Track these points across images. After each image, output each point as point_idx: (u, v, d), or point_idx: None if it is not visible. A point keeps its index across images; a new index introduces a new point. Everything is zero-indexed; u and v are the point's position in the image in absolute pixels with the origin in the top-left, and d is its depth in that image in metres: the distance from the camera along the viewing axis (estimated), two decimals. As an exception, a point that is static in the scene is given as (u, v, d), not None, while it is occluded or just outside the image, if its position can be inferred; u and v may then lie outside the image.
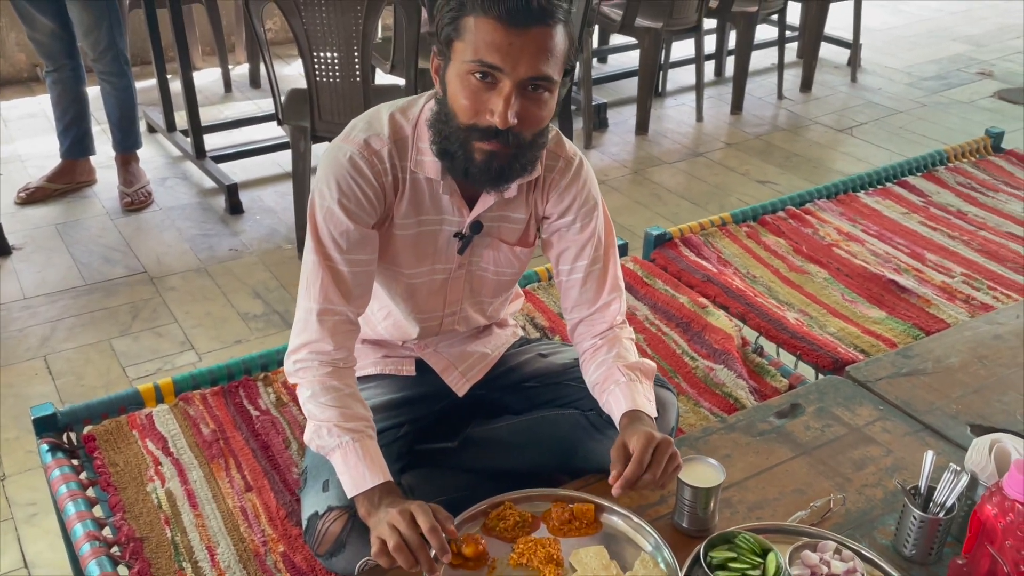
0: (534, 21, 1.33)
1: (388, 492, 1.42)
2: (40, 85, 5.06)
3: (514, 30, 1.32)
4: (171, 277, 3.29)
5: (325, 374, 1.47)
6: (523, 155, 1.43)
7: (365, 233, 1.48)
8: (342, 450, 1.43)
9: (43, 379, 2.76)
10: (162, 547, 1.56)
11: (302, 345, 1.49)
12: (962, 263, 2.44)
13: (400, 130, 1.49)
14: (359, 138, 1.47)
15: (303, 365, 1.49)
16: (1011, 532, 1.26)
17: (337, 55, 3.00)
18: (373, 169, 1.46)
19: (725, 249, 2.49)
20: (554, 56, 1.36)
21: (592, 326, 1.65)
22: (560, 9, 1.35)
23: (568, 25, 1.38)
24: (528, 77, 1.34)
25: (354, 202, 1.46)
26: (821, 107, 5.06)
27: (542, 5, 1.33)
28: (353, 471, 1.42)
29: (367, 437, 1.45)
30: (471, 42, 1.34)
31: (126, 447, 1.77)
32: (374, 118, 1.51)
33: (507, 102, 1.34)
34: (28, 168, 4.10)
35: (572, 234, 1.61)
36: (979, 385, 1.91)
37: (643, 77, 4.52)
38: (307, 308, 1.49)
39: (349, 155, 1.46)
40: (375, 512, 1.39)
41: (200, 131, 3.98)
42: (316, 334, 1.48)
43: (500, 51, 1.33)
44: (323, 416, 1.45)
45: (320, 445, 1.45)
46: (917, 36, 6.36)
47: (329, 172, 1.47)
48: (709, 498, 1.50)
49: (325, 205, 1.46)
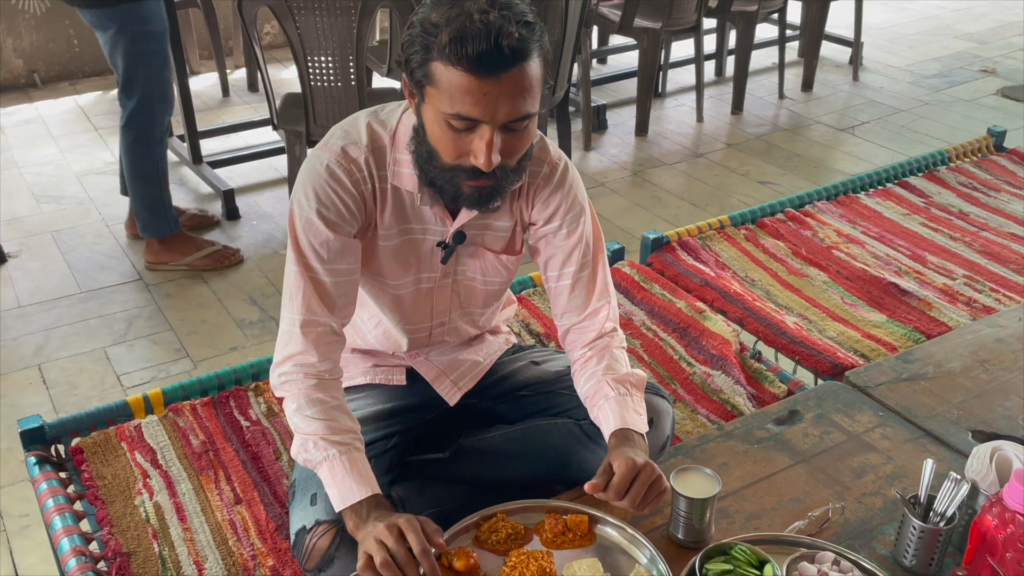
0: (508, 66, 1.26)
1: (376, 505, 1.39)
2: (37, 91, 5.06)
3: (488, 79, 1.26)
4: (166, 284, 3.27)
5: (310, 386, 1.45)
6: (511, 178, 1.41)
7: (346, 242, 1.45)
8: (329, 463, 1.40)
9: (37, 388, 2.74)
10: (149, 562, 1.54)
11: (287, 358, 1.47)
12: (964, 265, 2.41)
13: (378, 139, 1.46)
14: (336, 146, 1.44)
15: (288, 378, 1.46)
16: (1012, 544, 1.23)
17: (331, 59, 2.97)
18: (351, 177, 1.43)
19: (723, 252, 2.46)
20: (533, 91, 1.31)
21: (582, 334, 1.62)
22: (532, 41, 1.28)
23: (542, 48, 1.31)
24: (508, 120, 1.30)
25: (333, 211, 1.43)
26: (822, 106, 5.02)
27: (513, 47, 1.25)
28: (340, 485, 1.39)
29: (354, 450, 1.43)
30: (444, 91, 1.28)
31: (114, 459, 1.74)
32: (351, 126, 1.48)
33: (489, 147, 1.30)
34: (25, 175, 4.08)
35: (558, 240, 1.58)
36: (981, 390, 1.87)
37: (642, 78, 4.49)
38: (290, 320, 1.46)
39: (327, 164, 1.43)
40: (363, 526, 1.36)
41: (197, 136, 3.96)
42: (300, 346, 1.45)
43: (477, 103, 1.27)
44: (309, 429, 1.42)
45: (307, 459, 1.43)
46: (919, 34, 6.33)
47: (307, 181, 1.44)
48: (704, 509, 1.47)
49: (304, 215, 1.44)
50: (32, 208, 3.81)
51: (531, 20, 1.29)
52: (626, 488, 1.38)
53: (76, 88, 5.13)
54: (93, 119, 4.71)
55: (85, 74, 5.26)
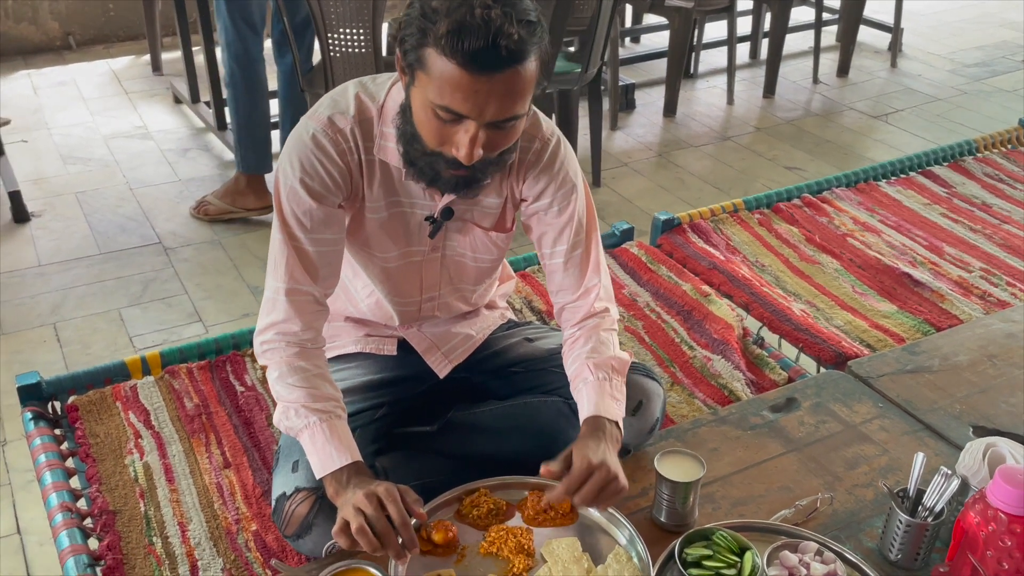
0: (502, 67, 1.23)
1: (356, 472, 1.39)
2: (72, 54, 5.10)
3: (480, 76, 1.23)
4: (185, 248, 3.30)
5: (292, 354, 1.44)
6: (490, 170, 1.39)
7: (329, 212, 1.44)
8: (309, 430, 1.40)
9: (51, 346, 2.77)
10: (134, 521, 1.55)
11: (269, 326, 1.46)
12: (981, 257, 2.36)
13: (365, 110, 1.44)
14: (324, 115, 1.43)
15: (270, 347, 1.46)
16: (992, 542, 1.20)
17: (350, 31, 2.97)
18: (337, 148, 1.42)
19: (735, 236, 2.43)
20: (524, 93, 1.28)
21: (574, 313, 1.60)
22: (531, 44, 1.24)
23: (540, 50, 1.28)
24: (495, 120, 1.28)
25: (317, 181, 1.42)
26: (857, 92, 4.93)
27: (511, 48, 1.21)
28: (321, 452, 1.39)
29: (335, 417, 1.42)
30: (435, 80, 1.25)
31: (108, 419, 1.76)
32: (340, 95, 1.46)
33: (473, 142, 1.28)
34: (54, 136, 4.12)
35: (550, 218, 1.56)
36: (986, 385, 1.83)
37: (672, 58, 4.43)
38: (274, 288, 1.45)
39: (312, 132, 1.42)
40: (343, 492, 1.36)
41: (222, 103, 3.97)
42: (283, 314, 1.45)
43: (466, 99, 1.24)
44: (291, 397, 1.42)
45: (288, 427, 1.43)
46: (963, 21, 6.17)
47: (292, 150, 1.43)
48: (688, 493, 1.45)
49: (288, 184, 1.43)
50: (59, 169, 3.85)
51: (533, 19, 1.25)
52: (577, 486, 1.37)
53: (110, 52, 5.17)
54: (124, 83, 4.75)
55: (119, 38, 5.30)
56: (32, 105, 4.45)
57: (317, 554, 1.45)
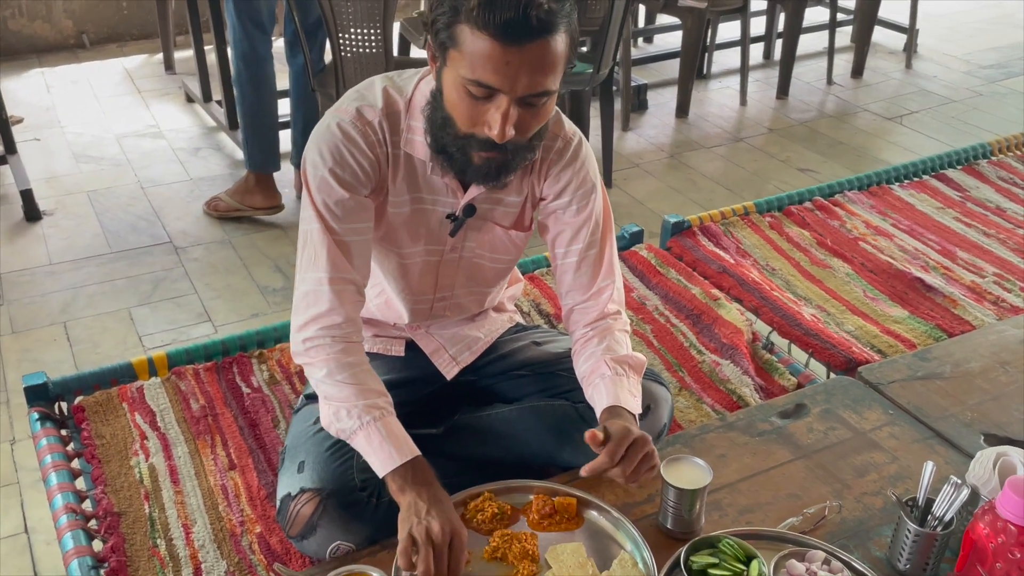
0: (533, 36, 1.25)
1: (418, 468, 1.39)
2: (86, 52, 5.12)
3: (512, 48, 1.25)
4: (195, 248, 3.30)
5: (339, 351, 1.42)
6: (521, 155, 1.40)
7: (360, 202, 1.44)
8: (365, 431, 1.39)
9: (61, 345, 2.78)
10: (139, 523, 1.55)
11: (311, 320, 1.43)
12: (995, 262, 2.33)
13: (393, 103, 1.45)
14: (351, 108, 1.43)
15: (314, 343, 1.43)
16: (1002, 554, 1.19)
17: (360, 32, 2.97)
18: (367, 139, 1.42)
19: (745, 239, 2.41)
20: (555, 67, 1.30)
21: (585, 314, 1.59)
22: (560, 16, 1.27)
23: (569, 25, 1.30)
24: (527, 94, 1.29)
25: (348, 171, 1.41)
26: (871, 94, 4.89)
27: (541, 18, 1.24)
28: (379, 451, 1.39)
29: (388, 414, 1.42)
30: (467, 55, 1.27)
31: (114, 419, 1.76)
32: (367, 89, 1.47)
33: (505, 118, 1.29)
34: (67, 135, 4.14)
35: (568, 217, 1.56)
36: (999, 392, 1.81)
37: (685, 58, 4.41)
38: (316, 279, 1.43)
39: (339, 123, 1.42)
40: (407, 490, 1.36)
41: (233, 102, 3.96)
42: (328, 304, 1.42)
43: (497, 71, 1.26)
44: (341, 395, 1.41)
45: (340, 428, 1.42)
46: (980, 22, 6.12)
47: (321, 142, 1.43)
48: (694, 500, 1.44)
49: (318, 175, 1.42)
50: (71, 167, 3.86)
51: None
52: (620, 454, 1.35)
53: (123, 51, 5.18)
54: (137, 82, 4.76)
55: (133, 37, 5.31)
56: (45, 103, 4.46)
57: (321, 555, 1.45)
